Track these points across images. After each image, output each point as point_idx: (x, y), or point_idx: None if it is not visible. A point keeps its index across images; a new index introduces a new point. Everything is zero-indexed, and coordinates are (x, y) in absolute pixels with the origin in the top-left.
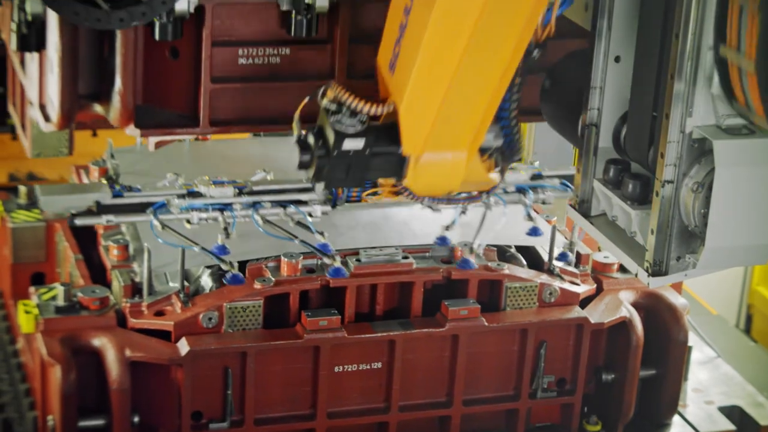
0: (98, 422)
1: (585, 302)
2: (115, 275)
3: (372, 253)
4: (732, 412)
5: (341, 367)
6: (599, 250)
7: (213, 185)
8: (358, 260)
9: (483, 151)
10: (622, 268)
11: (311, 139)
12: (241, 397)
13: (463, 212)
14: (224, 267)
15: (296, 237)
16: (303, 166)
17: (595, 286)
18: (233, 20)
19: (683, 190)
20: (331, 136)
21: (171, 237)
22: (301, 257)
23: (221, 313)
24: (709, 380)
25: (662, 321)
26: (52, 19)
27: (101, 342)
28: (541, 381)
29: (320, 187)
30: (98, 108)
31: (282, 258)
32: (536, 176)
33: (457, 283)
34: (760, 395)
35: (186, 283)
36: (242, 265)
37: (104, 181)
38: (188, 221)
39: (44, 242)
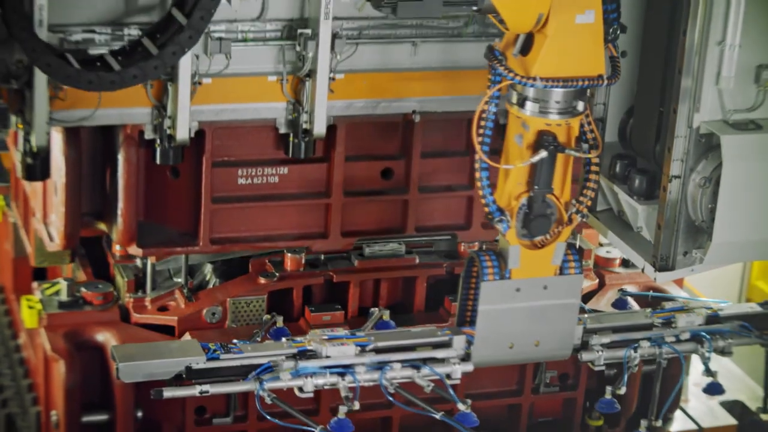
0: (102, 417)
1: (587, 297)
2: (118, 270)
3: (375, 248)
4: (733, 407)
5: None
6: (600, 245)
7: (328, 341)
8: (361, 255)
9: None
10: (624, 263)
11: None
12: (245, 393)
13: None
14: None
15: (437, 412)
16: None
17: (597, 281)
18: (232, 141)
19: (690, 185)
20: None
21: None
22: (305, 252)
23: (225, 308)
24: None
25: None
26: (57, 147)
27: (105, 337)
28: (544, 376)
29: (459, 340)
30: (101, 225)
31: (285, 253)
32: (712, 318)
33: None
34: (761, 389)
35: (189, 278)
36: (245, 260)
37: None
38: (301, 389)
39: None
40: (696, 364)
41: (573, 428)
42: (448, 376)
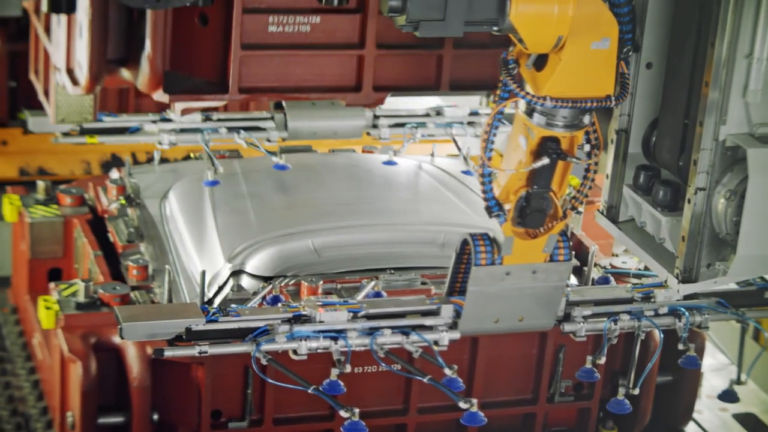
0: (117, 419)
1: None
2: (135, 298)
3: (390, 279)
4: (746, 420)
5: (361, 368)
6: (615, 256)
7: (322, 307)
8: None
9: None
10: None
11: None
12: (261, 396)
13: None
14: (343, 414)
15: (425, 375)
16: (393, 11)
17: None
18: None
19: (715, 198)
20: None
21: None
22: (321, 282)
23: None
24: (723, 387)
25: None
26: None
27: (122, 339)
28: (559, 385)
29: (447, 309)
30: (126, 74)
31: (302, 282)
32: (689, 294)
33: None
34: None
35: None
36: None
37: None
38: (295, 351)
39: (62, 238)
40: (709, 377)
41: None
42: (436, 343)
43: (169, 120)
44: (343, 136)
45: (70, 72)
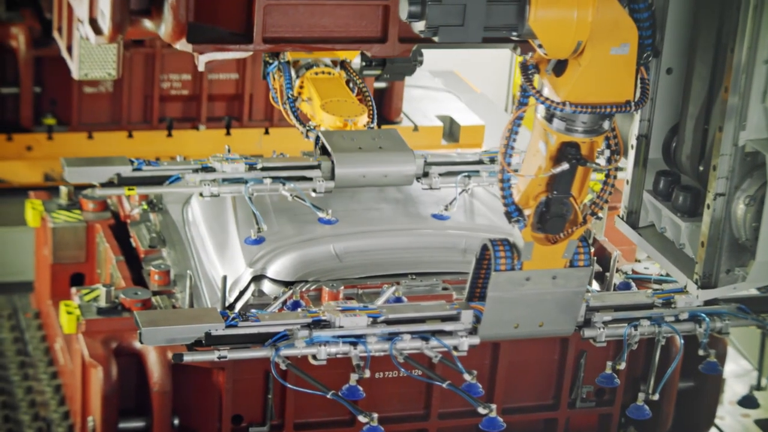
0: (138, 424)
1: None
2: (156, 303)
3: (412, 284)
4: None
5: (382, 374)
6: (638, 262)
7: (342, 312)
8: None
9: None
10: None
11: None
12: (282, 401)
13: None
14: (361, 419)
15: (444, 380)
16: (413, 16)
17: None
18: None
19: (735, 203)
20: None
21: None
22: (342, 287)
23: None
24: (745, 393)
25: None
26: None
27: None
28: (580, 391)
29: (467, 315)
30: (149, 24)
31: (323, 288)
32: (710, 300)
33: None
34: None
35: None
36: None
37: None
38: (314, 356)
39: (84, 243)
40: (731, 383)
41: None
42: (456, 348)
43: (211, 169)
44: (392, 183)
45: (93, 22)
